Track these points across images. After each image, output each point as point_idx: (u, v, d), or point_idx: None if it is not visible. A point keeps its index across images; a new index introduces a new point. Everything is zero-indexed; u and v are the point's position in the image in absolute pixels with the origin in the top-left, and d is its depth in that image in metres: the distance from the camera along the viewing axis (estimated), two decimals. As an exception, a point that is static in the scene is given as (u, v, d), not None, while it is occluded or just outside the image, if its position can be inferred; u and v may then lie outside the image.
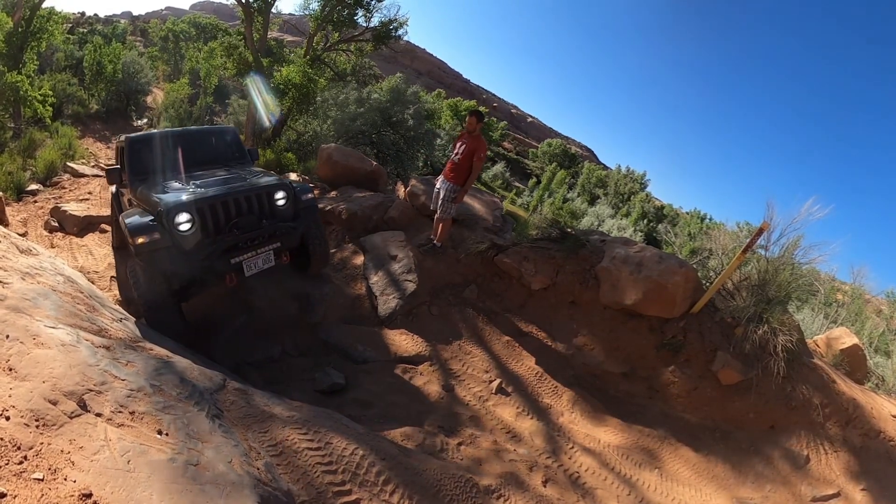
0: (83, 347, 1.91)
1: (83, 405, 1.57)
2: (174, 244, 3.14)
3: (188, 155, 4.11)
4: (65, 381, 1.62)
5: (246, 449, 1.76)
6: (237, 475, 1.56)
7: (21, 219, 7.49)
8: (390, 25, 13.77)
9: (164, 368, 2.10)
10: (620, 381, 3.75)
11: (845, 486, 3.00)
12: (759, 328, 3.43)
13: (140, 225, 3.10)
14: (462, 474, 2.32)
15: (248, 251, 3.43)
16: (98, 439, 1.45)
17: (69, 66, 17.22)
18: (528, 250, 4.30)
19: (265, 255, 3.54)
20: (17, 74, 11.59)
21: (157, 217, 3.17)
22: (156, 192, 3.45)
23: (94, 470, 1.33)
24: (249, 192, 3.55)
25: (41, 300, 2.27)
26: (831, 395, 3.43)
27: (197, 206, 3.24)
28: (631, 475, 2.94)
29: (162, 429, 1.65)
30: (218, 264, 3.28)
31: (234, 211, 3.44)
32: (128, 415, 1.64)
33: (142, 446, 1.50)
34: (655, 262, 3.74)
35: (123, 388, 1.77)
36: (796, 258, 3.89)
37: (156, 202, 3.28)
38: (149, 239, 3.07)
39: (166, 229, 3.12)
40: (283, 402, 2.35)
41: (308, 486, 1.76)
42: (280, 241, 3.64)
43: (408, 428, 2.73)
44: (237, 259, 3.37)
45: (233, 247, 3.37)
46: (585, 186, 23.33)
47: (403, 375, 3.32)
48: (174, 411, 1.77)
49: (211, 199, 3.34)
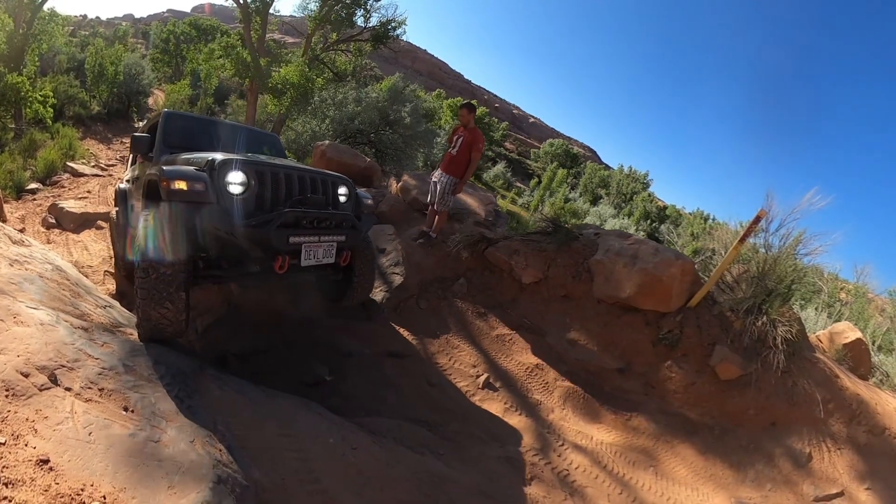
0: (61, 327, 1.96)
1: (54, 379, 1.62)
2: (220, 205, 2.43)
3: (233, 144, 3.67)
4: (39, 356, 1.68)
5: (211, 431, 1.75)
6: (197, 454, 1.57)
7: (19, 216, 7.56)
8: (389, 25, 13.77)
9: (139, 351, 2.12)
10: (615, 377, 3.63)
11: (849, 485, 2.88)
12: (758, 320, 3.30)
13: (182, 171, 2.44)
14: (441, 469, 2.22)
15: (311, 234, 2.73)
16: (64, 411, 1.49)
17: (71, 69, 17.35)
18: (518, 244, 4.20)
19: (327, 246, 2.84)
20: (18, 76, 11.68)
21: (206, 170, 2.50)
22: (201, 155, 2.80)
23: (54, 439, 1.38)
24: (315, 174, 2.95)
25: (26, 284, 2.36)
26: (834, 390, 3.30)
27: (257, 168, 2.61)
28: (624, 474, 2.82)
29: (128, 406, 1.69)
30: (275, 238, 2.50)
31: (298, 189, 2.77)
32: (97, 391, 1.69)
33: (106, 421, 1.55)
34: (651, 255, 3.63)
35: (96, 366, 1.81)
36: (798, 250, 3.77)
37: (203, 158, 2.62)
38: (190, 186, 2.35)
39: (214, 186, 2.44)
40: (259, 390, 2.29)
41: (273, 472, 1.70)
42: (345, 236, 2.97)
43: (390, 421, 2.63)
44: (297, 239, 2.64)
45: (295, 223, 2.64)
46: (588, 186, 23.20)
47: (389, 369, 3.23)
48: (143, 390, 1.81)
49: (273, 167, 2.71)
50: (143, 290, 2.25)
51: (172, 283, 2.29)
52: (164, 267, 2.28)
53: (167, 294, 2.27)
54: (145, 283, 2.25)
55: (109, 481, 1.31)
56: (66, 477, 1.26)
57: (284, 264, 2.63)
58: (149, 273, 2.26)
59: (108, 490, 1.28)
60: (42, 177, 9.59)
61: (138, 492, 1.32)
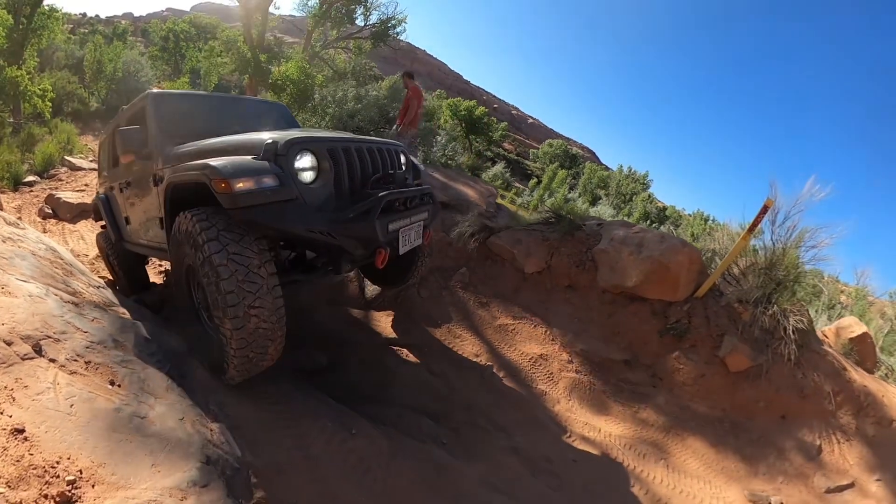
0: (51, 300, 1.90)
1: (38, 349, 1.57)
2: (305, 201, 1.94)
3: (247, 121, 3.05)
4: (25, 325, 1.63)
5: (203, 411, 1.66)
6: (186, 433, 1.49)
7: (15, 206, 7.54)
8: (389, 23, 13.75)
9: (131, 327, 2.03)
10: (622, 369, 3.55)
11: (859, 476, 2.83)
12: (768, 309, 3.23)
13: (240, 163, 1.85)
14: (445, 459, 2.14)
15: (403, 217, 2.33)
16: (46, 382, 1.44)
17: (70, 65, 17.28)
18: (521, 233, 4.13)
19: (417, 227, 2.47)
20: (17, 69, 11.61)
21: (267, 157, 1.93)
22: (237, 139, 2.22)
23: (33, 409, 1.32)
24: (379, 145, 2.48)
25: (18, 260, 2.28)
26: (843, 382, 3.25)
27: (329, 146, 2.11)
28: (635, 466, 2.75)
29: (115, 380, 1.62)
30: (381, 229, 2.08)
31: (370, 166, 2.32)
32: (83, 364, 1.62)
33: (90, 394, 1.48)
34: (657, 242, 3.56)
35: (84, 339, 1.74)
36: (805, 241, 3.72)
37: (253, 142, 2.05)
38: (257, 185, 1.79)
39: (288, 176, 1.91)
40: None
41: (268, 456, 1.61)
42: (427, 212, 2.59)
43: (390, 410, 2.54)
44: (396, 226, 2.25)
45: (388, 207, 2.21)
46: (587, 187, 23.17)
47: (389, 358, 3.14)
48: (132, 366, 1.73)
49: (343, 142, 2.23)
50: (239, 341, 1.78)
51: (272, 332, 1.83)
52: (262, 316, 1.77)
53: (269, 341, 1.84)
54: (241, 334, 1.76)
55: (88, 455, 1.23)
56: (41, 448, 1.19)
57: (386, 257, 2.18)
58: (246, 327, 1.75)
59: (85, 464, 1.20)
60: (40, 170, 9.58)
61: (119, 468, 1.23)
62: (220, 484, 1.33)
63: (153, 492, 1.18)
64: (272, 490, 1.45)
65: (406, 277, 3.25)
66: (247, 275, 1.76)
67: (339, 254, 2.20)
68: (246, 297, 1.74)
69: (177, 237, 1.98)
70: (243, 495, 1.33)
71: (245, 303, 1.74)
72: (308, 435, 1.79)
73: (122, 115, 3.44)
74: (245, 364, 1.84)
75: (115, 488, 1.18)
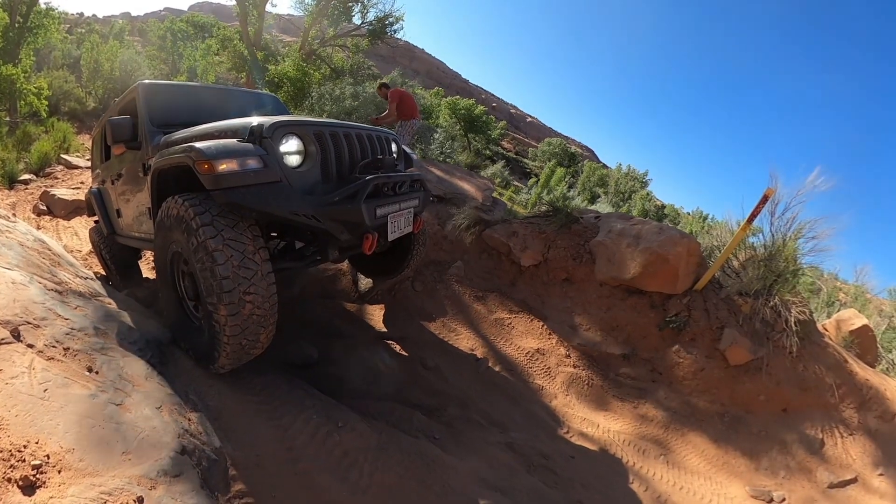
0: (33, 287, 1.86)
1: (17, 334, 1.55)
2: (289, 183, 1.90)
3: (237, 109, 3.02)
4: (4, 311, 1.61)
5: (183, 400, 1.62)
6: (162, 421, 1.45)
7: (10, 202, 7.48)
8: (386, 21, 13.68)
9: (115, 316, 1.99)
10: (620, 363, 3.49)
11: (862, 470, 2.78)
12: (769, 301, 3.17)
13: (224, 145, 1.83)
14: (437, 454, 2.07)
15: (392, 202, 2.28)
16: (21, 366, 1.42)
17: (66, 65, 17.23)
18: (517, 226, 4.06)
19: (407, 214, 2.42)
20: (12, 67, 11.55)
21: (252, 139, 1.91)
22: (223, 124, 2.16)
23: (5, 392, 1.30)
24: (369, 131, 2.45)
25: (4, 249, 2.24)
26: (844, 375, 3.19)
27: (315, 130, 2.08)
28: (635, 463, 2.68)
29: (93, 367, 1.58)
30: (367, 213, 2.04)
31: (360, 152, 2.29)
32: (61, 350, 1.59)
33: (66, 380, 1.45)
34: (655, 234, 3.50)
35: (64, 326, 1.71)
36: (805, 233, 3.66)
37: (238, 126, 2.00)
38: (240, 166, 1.76)
39: (273, 159, 1.88)
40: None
41: (247, 448, 1.54)
42: (418, 199, 2.56)
43: (382, 404, 2.48)
44: (384, 211, 2.20)
45: (375, 192, 2.16)
46: (586, 185, 23.09)
47: (382, 352, 3.07)
48: (112, 353, 1.69)
49: (331, 126, 2.20)
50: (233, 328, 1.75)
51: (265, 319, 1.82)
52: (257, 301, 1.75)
53: (261, 328, 1.82)
54: (235, 321, 1.73)
55: (58, 440, 1.19)
56: (8, 432, 1.15)
57: (374, 242, 2.12)
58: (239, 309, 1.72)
59: (53, 449, 1.16)
60: (36, 168, 9.52)
61: (88, 454, 1.19)
62: (195, 474, 1.28)
63: (121, 479, 1.14)
64: (251, 482, 1.39)
65: (400, 267, 3.21)
66: (242, 260, 1.73)
67: (325, 239, 2.17)
68: (241, 283, 1.72)
69: (165, 222, 1.92)
70: (219, 487, 1.28)
71: (240, 289, 1.71)
72: (292, 427, 1.72)
73: (114, 108, 3.42)
74: (237, 351, 1.81)
75: (82, 475, 1.14)
